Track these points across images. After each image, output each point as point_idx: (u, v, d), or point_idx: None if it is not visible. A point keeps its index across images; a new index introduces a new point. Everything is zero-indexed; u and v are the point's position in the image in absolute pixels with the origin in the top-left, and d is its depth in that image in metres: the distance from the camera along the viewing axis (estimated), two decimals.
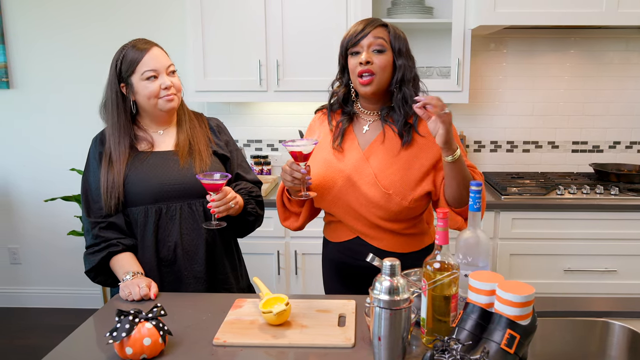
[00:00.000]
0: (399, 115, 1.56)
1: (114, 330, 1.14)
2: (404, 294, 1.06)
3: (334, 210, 1.65)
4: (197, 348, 1.22)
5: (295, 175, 1.47)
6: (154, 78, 1.58)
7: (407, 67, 1.54)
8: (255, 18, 2.80)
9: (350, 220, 1.63)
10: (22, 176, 3.43)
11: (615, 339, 1.36)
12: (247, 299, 1.47)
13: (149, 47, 1.60)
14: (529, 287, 1.09)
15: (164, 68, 1.59)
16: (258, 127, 3.27)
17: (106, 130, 1.65)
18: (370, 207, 1.57)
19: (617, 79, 3.12)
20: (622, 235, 2.62)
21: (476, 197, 1.25)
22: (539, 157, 3.22)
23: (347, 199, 1.59)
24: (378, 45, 1.51)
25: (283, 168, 1.50)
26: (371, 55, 1.51)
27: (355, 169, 1.58)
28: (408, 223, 1.62)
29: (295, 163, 1.47)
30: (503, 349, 1.06)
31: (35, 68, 3.28)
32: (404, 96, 1.54)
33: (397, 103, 1.56)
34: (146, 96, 1.58)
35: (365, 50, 1.51)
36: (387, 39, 1.53)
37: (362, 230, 1.63)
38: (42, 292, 3.56)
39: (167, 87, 1.58)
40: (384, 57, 1.52)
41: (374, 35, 1.51)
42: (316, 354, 1.19)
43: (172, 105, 1.61)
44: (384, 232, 1.62)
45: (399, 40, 1.54)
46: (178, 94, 1.63)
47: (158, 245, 1.61)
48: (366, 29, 1.52)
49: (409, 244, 1.65)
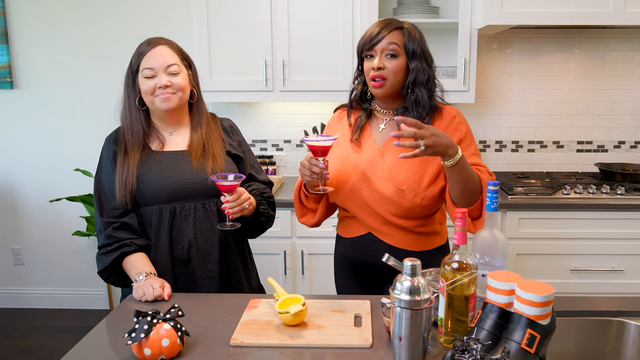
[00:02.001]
0: (413, 116, 1.58)
1: (132, 331, 1.14)
2: (425, 294, 1.06)
3: (347, 205, 1.67)
4: (214, 349, 1.21)
5: (314, 169, 1.49)
6: (151, 76, 1.58)
7: (420, 69, 1.55)
8: (261, 18, 2.80)
9: (363, 215, 1.64)
10: (26, 176, 3.42)
11: (631, 339, 1.36)
12: (262, 300, 1.46)
13: (154, 45, 1.60)
14: (548, 286, 1.09)
15: (162, 67, 1.58)
16: (263, 127, 3.27)
17: (121, 125, 1.65)
18: (383, 202, 1.59)
19: (622, 78, 3.12)
20: (628, 235, 2.62)
21: (493, 197, 1.25)
22: (544, 156, 3.22)
23: (361, 194, 1.61)
24: (391, 50, 1.54)
25: (302, 163, 1.53)
26: (383, 60, 1.54)
27: (370, 165, 1.61)
28: (420, 221, 1.63)
29: (314, 158, 1.50)
30: (524, 349, 1.06)
31: (39, 68, 3.27)
32: (417, 98, 1.57)
33: (410, 104, 1.59)
34: (144, 92, 1.60)
35: (379, 55, 1.55)
36: (401, 42, 1.55)
37: (374, 226, 1.64)
38: (46, 292, 3.55)
39: (163, 86, 1.57)
40: (397, 61, 1.55)
41: (387, 41, 1.54)
42: (334, 354, 1.19)
43: (169, 105, 1.60)
44: (396, 229, 1.63)
45: (414, 42, 1.55)
46: (177, 94, 1.60)
47: (172, 245, 1.61)
48: (381, 32, 1.54)
49: (420, 242, 1.66)
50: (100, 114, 3.21)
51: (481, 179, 1.51)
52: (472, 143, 1.61)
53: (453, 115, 1.62)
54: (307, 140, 1.47)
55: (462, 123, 1.62)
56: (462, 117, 1.64)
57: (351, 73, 2.83)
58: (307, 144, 1.48)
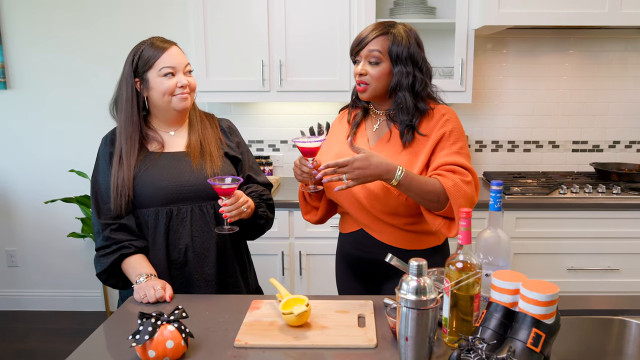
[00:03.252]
0: (400, 118, 1.61)
1: (136, 333, 1.13)
2: (431, 294, 1.06)
3: (340, 201, 1.70)
4: (218, 350, 1.21)
5: (303, 169, 1.55)
6: (171, 75, 1.57)
7: (403, 73, 1.56)
8: (258, 18, 2.79)
9: (354, 211, 1.67)
10: (20, 177, 3.39)
11: (632, 337, 1.37)
12: (264, 300, 1.46)
13: (169, 45, 1.60)
14: (553, 285, 1.10)
15: (181, 66, 1.59)
16: (259, 128, 3.26)
17: (117, 127, 1.63)
18: (371, 199, 1.62)
19: (616, 78, 3.14)
20: (624, 234, 2.64)
21: (497, 196, 1.25)
22: (540, 156, 3.24)
23: (352, 190, 1.64)
24: (373, 58, 1.57)
25: (295, 162, 1.59)
26: (366, 67, 1.59)
27: None
28: (408, 219, 1.64)
29: (303, 158, 1.55)
30: (529, 348, 1.07)
31: (32, 68, 3.24)
32: (400, 102, 1.59)
33: (396, 107, 1.61)
34: (161, 92, 1.57)
35: (363, 60, 1.59)
36: (385, 49, 1.56)
37: (366, 222, 1.67)
38: (41, 294, 3.52)
39: (183, 85, 1.58)
40: (379, 68, 1.58)
41: (370, 48, 1.57)
42: (339, 355, 1.19)
43: (186, 105, 1.61)
44: (386, 226, 1.65)
45: (398, 47, 1.56)
46: (192, 94, 1.63)
47: (169, 247, 1.60)
48: (367, 38, 1.57)
49: (412, 241, 1.67)
50: (95, 115, 3.19)
51: (444, 186, 1.48)
52: (457, 141, 1.58)
53: (442, 114, 1.60)
54: (296, 142, 1.53)
55: (450, 121, 1.59)
56: (452, 114, 1.62)
57: (348, 73, 2.84)
58: (296, 145, 1.54)
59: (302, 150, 1.54)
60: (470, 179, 1.51)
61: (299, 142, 1.52)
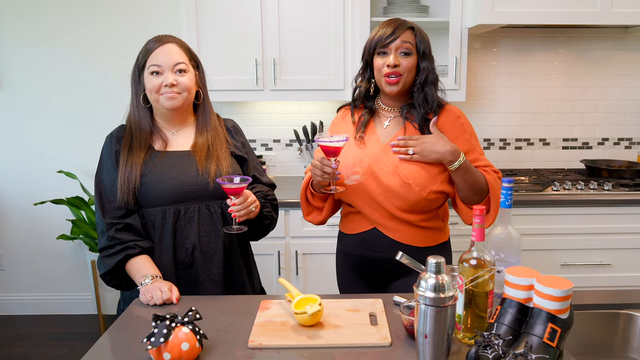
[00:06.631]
0: (419, 112, 1.64)
1: (151, 335, 1.11)
2: (450, 292, 1.06)
3: (353, 200, 1.68)
4: (233, 351, 1.19)
5: (326, 170, 1.53)
6: (157, 74, 1.55)
7: (430, 69, 1.62)
8: (251, 16, 2.77)
9: (368, 210, 1.66)
10: (7, 178, 3.31)
11: (638, 331, 1.39)
12: (273, 301, 1.45)
13: (163, 42, 1.57)
14: (567, 281, 1.11)
15: (169, 65, 1.55)
16: (252, 127, 3.24)
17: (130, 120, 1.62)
18: (389, 196, 1.61)
19: (604, 77, 3.20)
20: (616, 229, 2.68)
21: (507, 193, 1.26)
22: (531, 154, 3.28)
23: (367, 188, 1.63)
24: (405, 49, 1.60)
25: (313, 163, 1.56)
26: (398, 58, 1.59)
27: (375, 160, 1.64)
28: (424, 215, 1.66)
29: (326, 158, 1.53)
30: (546, 343, 1.07)
31: (23, 68, 3.17)
32: (426, 96, 1.63)
33: (418, 102, 1.64)
34: (149, 90, 1.57)
35: (393, 52, 1.60)
36: (414, 42, 1.61)
37: (380, 220, 1.66)
38: (29, 299, 3.45)
39: (169, 84, 1.54)
40: (410, 59, 1.60)
41: (402, 39, 1.59)
42: (355, 353, 1.18)
43: (174, 104, 1.57)
44: (401, 224, 1.65)
45: (424, 43, 1.62)
46: (182, 94, 1.58)
47: (176, 247, 1.58)
48: (396, 32, 1.59)
49: (424, 238, 1.68)
50: (85, 115, 3.12)
51: (487, 180, 1.61)
52: (477, 144, 1.68)
53: (457, 116, 1.67)
54: (319, 141, 1.49)
55: (466, 124, 1.68)
56: (465, 118, 1.70)
57: (342, 72, 2.84)
58: (319, 144, 1.50)
59: (325, 149, 1.52)
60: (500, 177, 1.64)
61: (322, 142, 1.49)
